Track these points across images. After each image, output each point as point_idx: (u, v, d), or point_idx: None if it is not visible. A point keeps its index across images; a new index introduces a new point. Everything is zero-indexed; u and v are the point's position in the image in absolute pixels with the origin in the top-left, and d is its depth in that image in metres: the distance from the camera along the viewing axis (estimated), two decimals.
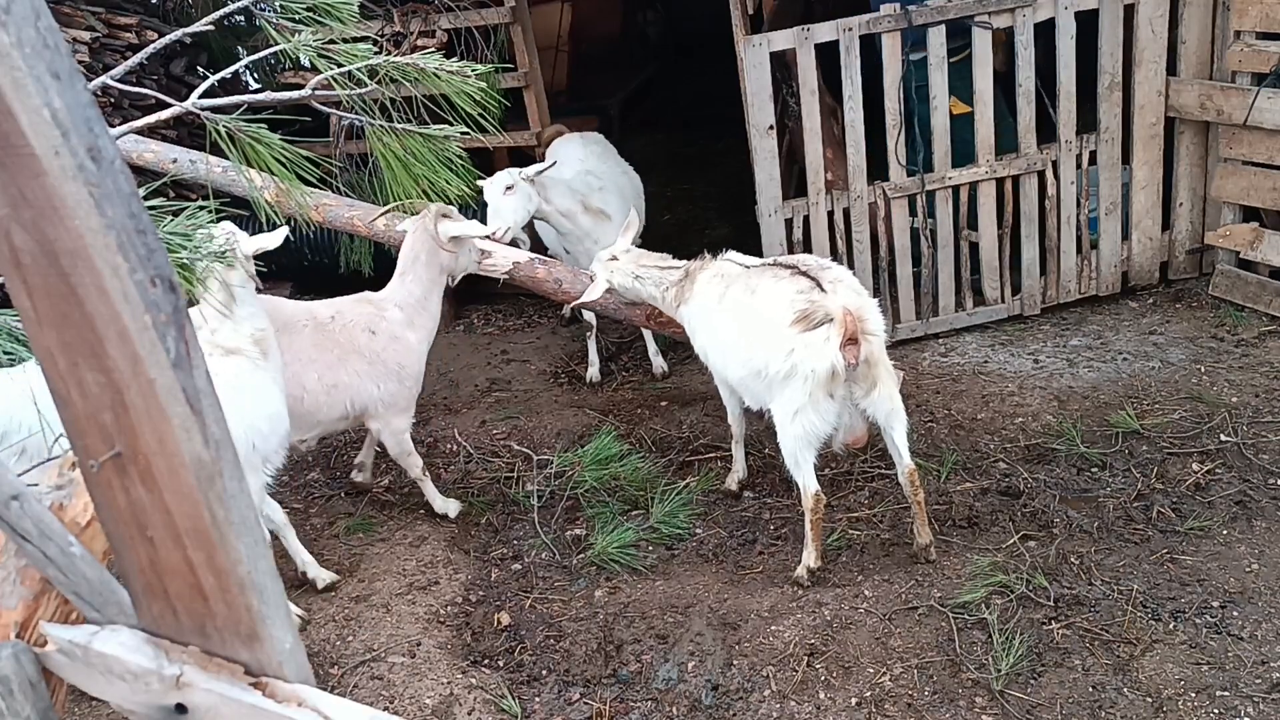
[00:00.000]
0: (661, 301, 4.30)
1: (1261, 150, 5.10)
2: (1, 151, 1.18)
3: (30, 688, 1.54)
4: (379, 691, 3.53)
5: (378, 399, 4.26)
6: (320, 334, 4.16)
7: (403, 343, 4.30)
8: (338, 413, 4.22)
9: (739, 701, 3.37)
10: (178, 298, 1.27)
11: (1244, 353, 4.98)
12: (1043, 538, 3.93)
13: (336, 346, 4.17)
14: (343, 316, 4.26)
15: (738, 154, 5.84)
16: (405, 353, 4.30)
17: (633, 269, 4.33)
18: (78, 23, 5.74)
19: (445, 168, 3.63)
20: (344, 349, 4.18)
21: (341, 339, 4.19)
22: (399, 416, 4.35)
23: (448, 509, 4.52)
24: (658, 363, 5.63)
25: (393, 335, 4.28)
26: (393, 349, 4.27)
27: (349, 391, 4.19)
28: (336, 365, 4.16)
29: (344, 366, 4.17)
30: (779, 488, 4.47)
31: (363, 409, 4.27)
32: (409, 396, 4.36)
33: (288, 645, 1.44)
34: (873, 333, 3.55)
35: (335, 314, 4.27)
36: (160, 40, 3.14)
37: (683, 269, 4.22)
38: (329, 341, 4.17)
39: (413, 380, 4.35)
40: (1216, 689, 3.17)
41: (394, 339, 4.28)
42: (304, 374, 4.08)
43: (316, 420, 4.19)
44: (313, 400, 4.11)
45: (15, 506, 1.44)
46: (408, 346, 4.31)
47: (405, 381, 4.31)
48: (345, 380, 4.17)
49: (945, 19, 5.08)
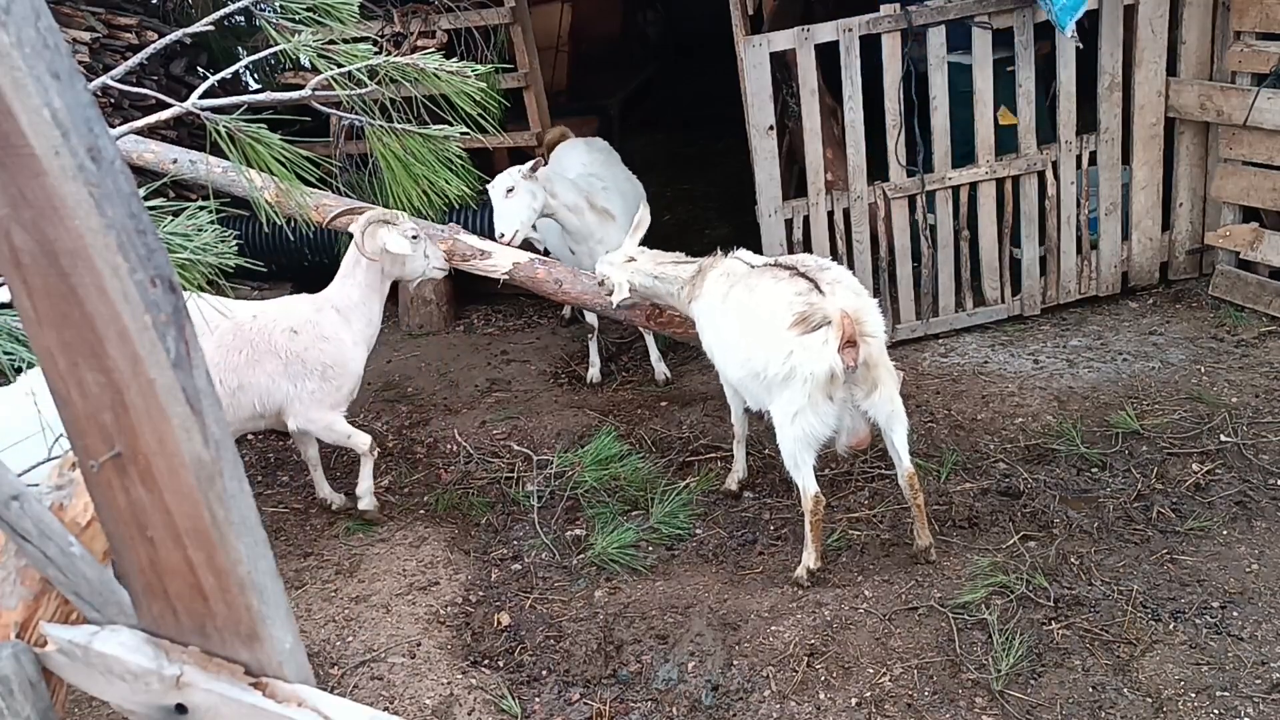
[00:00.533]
0: (678, 299, 4.31)
1: (1261, 150, 5.10)
2: (1, 151, 1.18)
3: (30, 688, 1.54)
4: (379, 691, 3.53)
5: (294, 397, 4.26)
6: (234, 335, 4.17)
7: (334, 343, 4.31)
8: (246, 413, 4.23)
9: (739, 702, 3.37)
10: (178, 298, 1.27)
11: (1244, 353, 4.98)
12: (1043, 538, 3.93)
13: (248, 347, 4.17)
14: (264, 316, 4.28)
15: (738, 154, 5.84)
16: (335, 352, 4.31)
17: (652, 269, 4.33)
18: (78, 23, 5.75)
19: (445, 168, 3.63)
20: (257, 349, 4.18)
21: (256, 339, 4.19)
22: (325, 412, 4.35)
23: (364, 499, 4.51)
24: (660, 368, 5.61)
25: (321, 335, 4.29)
26: (319, 348, 4.27)
27: (256, 391, 4.19)
28: (244, 366, 4.16)
29: (256, 367, 4.18)
30: (779, 488, 4.47)
31: (277, 408, 4.28)
32: (337, 394, 4.36)
33: (288, 645, 1.44)
34: (872, 335, 3.55)
35: (256, 314, 4.29)
36: (160, 40, 3.14)
37: (697, 265, 4.24)
38: (240, 342, 4.17)
39: (347, 378, 4.36)
40: (1216, 689, 3.17)
41: (323, 339, 4.29)
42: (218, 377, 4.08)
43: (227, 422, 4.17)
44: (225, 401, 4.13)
45: (15, 506, 1.44)
46: (339, 346, 4.32)
47: (331, 380, 4.31)
48: (253, 380, 4.18)
49: (945, 19, 5.08)
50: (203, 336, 3.89)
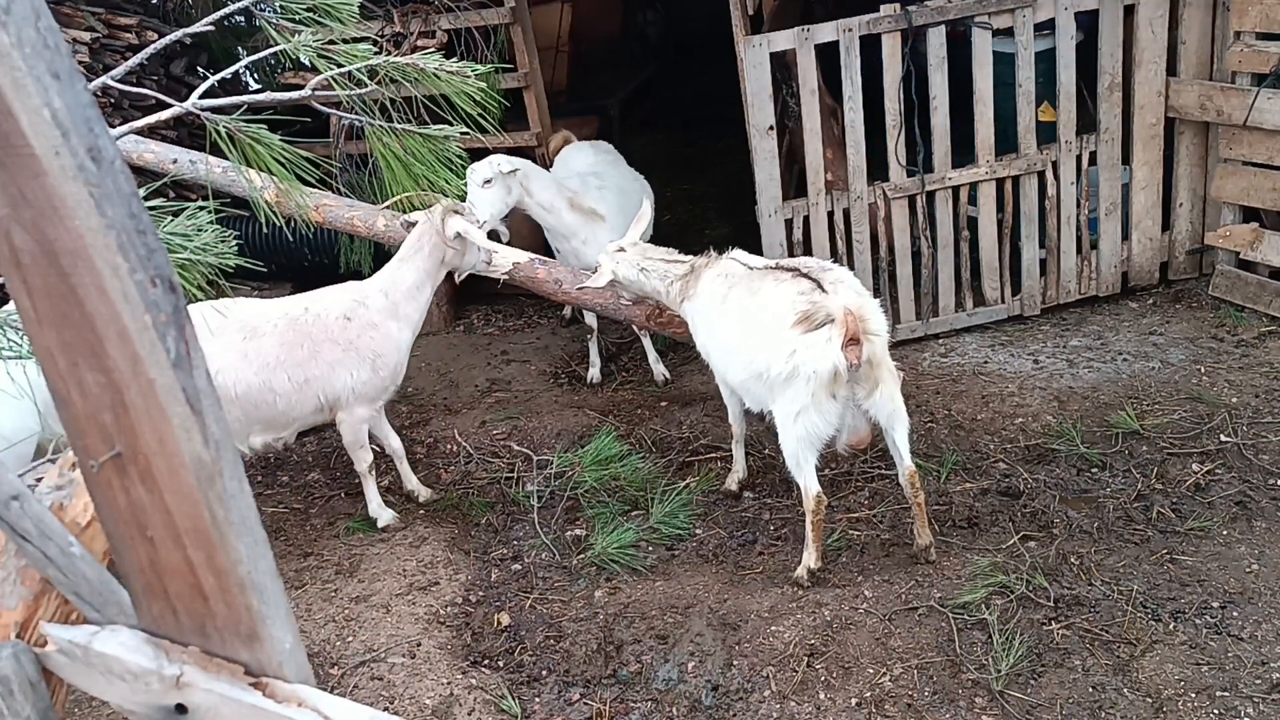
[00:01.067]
0: (665, 296, 4.30)
1: (1261, 150, 5.10)
2: (1, 151, 1.18)
3: (30, 688, 1.54)
4: (379, 691, 3.53)
5: (350, 388, 4.23)
6: (290, 330, 4.14)
7: (381, 331, 4.27)
8: (310, 406, 4.21)
9: (739, 702, 3.37)
10: (178, 298, 1.27)
11: (1244, 353, 4.98)
12: (1043, 538, 3.93)
13: (308, 340, 4.15)
14: (315, 306, 4.24)
15: (738, 154, 5.84)
16: (382, 340, 4.26)
17: (639, 260, 4.32)
18: (78, 23, 5.75)
19: (445, 168, 3.63)
20: (316, 340, 4.15)
21: (314, 330, 4.17)
22: (364, 405, 4.31)
23: (381, 516, 4.49)
24: (658, 370, 5.61)
25: (370, 322, 4.25)
26: (369, 335, 4.23)
27: (320, 384, 4.16)
28: (308, 360, 4.14)
29: (316, 359, 4.14)
30: (779, 488, 4.47)
31: (335, 400, 4.25)
32: (379, 386, 4.32)
33: (288, 645, 1.44)
34: (875, 333, 3.55)
35: (307, 305, 4.25)
36: (160, 40, 3.14)
37: (689, 264, 4.23)
38: (299, 337, 4.14)
39: (388, 370, 4.31)
40: (1216, 689, 3.17)
41: (371, 325, 4.25)
42: (272, 377, 4.07)
43: (291, 419, 4.21)
44: (285, 400, 4.12)
45: (15, 506, 1.44)
46: (386, 334, 4.28)
47: (379, 370, 4.27)
48: (316, 373, 4.15)
49: (945, 19, 5.08)
50: (265, 336, 4.02)
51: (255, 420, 4.13)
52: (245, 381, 4.03)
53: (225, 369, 3.98)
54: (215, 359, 3.91)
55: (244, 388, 4.03)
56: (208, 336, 3.90)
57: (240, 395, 4.02)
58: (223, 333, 3.95)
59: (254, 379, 4.04)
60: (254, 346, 4.05)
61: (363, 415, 4.33)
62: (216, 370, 3.93)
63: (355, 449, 4.41)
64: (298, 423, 4.27)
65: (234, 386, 4.00)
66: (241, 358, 4.03)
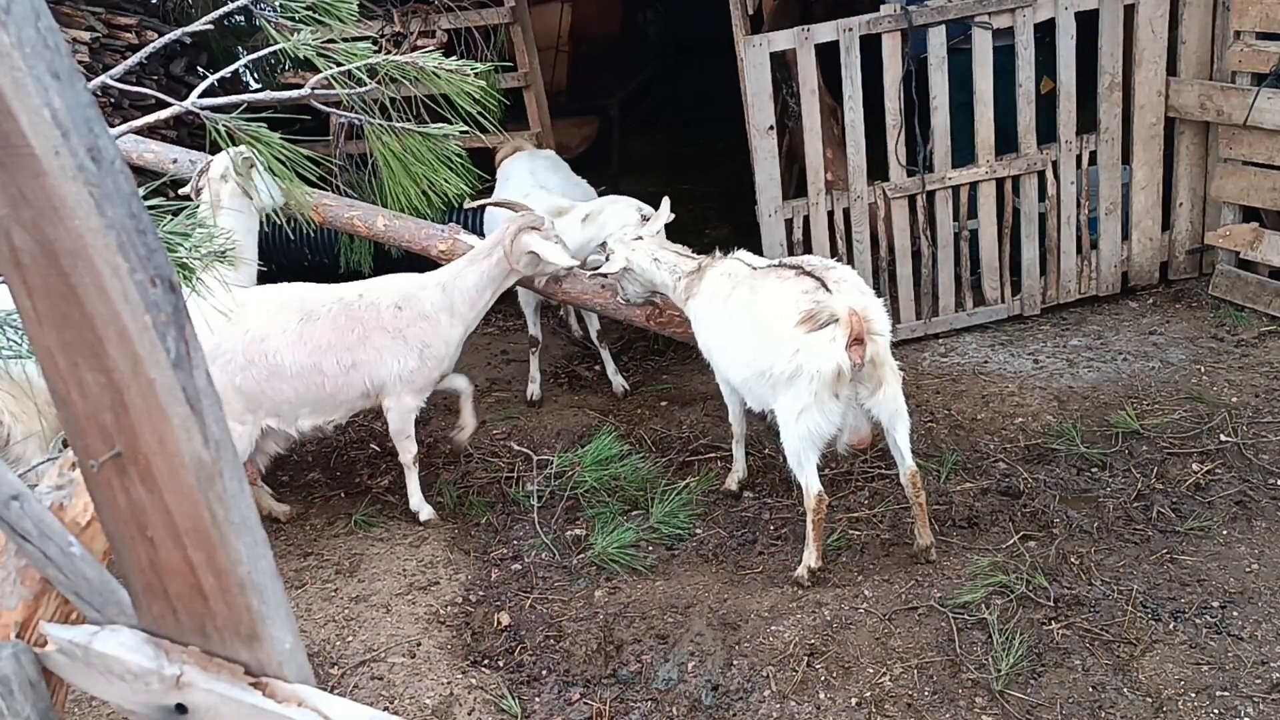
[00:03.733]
0: (673, 291, 4.31)
1: (1261, 150, 5.10)
2: (1, 151, 1.17)
3: (30, 688, 1.54)
4: (379, 691, 3.53)
5: (396, 375, 4.28)
6: (344, 315, 4.21)
7: (432, 322, 4.32)
8: (357, 392, 4.28)
9: (739, 701, 3.37)
10: (178, 298, 1.27)
11: (1244, 353, 4.98)
12: (1043, 538, 3.93)
13: (359, 325, 4.21)
14: (370, 293, 4.31)
15: (738, 154, 5.84)
16: (432, 332, 4.32)
17: (653, 251, 4.36)
18: (78, 23, 5.74)
19: (445, 167, 3.64)
20: (367, 326, 4.22)
21: (366, 316, 4.23)
22: (413, 395, 4.37)
23: (421, 510, 4.52)
24: (618, 381, 5.53)
25: (422, 313, 4.31)
26: (419, 326, 4.29)
27: (367, 369, 4.23)
28: (356, 345, 4.20)
29: (365, 344, 4.21)
30: (779, 488, 4.47)
31: (381, 386, 4.31)
32: (428, 377, 4.37)
33: (288, 645, 1.44)
34: (878, 333, 3.55)
35: (362, 291, 4.32)
36: (160, 40, 3.14)
37: (697, 263, 4.25)
38: (351, 321, 4.21)
39: (435, 362, 4.36)
40: (1216, 689, 3.17)
41: (423, 316, 4.31)
42: (323, 360, 4.15)
43: (339, 402, 4.28)
44: (333, 383, 4.20)
45: (15, 506, 1.44)
46: (436, 327, 4.33)
47: (427, 361, 4.33)
48: (364, 358, 4.22)
49: (945, 19, 5.08)
50: (318, 320, 4.10)
51: (305, 401, 4.21)
52: (299, 362, 4.12)
53: (283, 349, 4.09)
54: (274, 338, 4.09)
55: (298, 368, 4.12)
56: (273, 315, 4.10)
57: (294, 375, 4.12)
58: (283, 312, 4.12)
59: (306, 360, 4.14)
60: (309, 329, 4.15)
61: (411, 405, 4.38)
62: (275, 350, 4.07)
63: (401, 439, 4.46)
64: (344, 407, 4.34)
65: (290, 366, 4.10)
66: (297, 339, 4.12)
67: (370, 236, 5.17)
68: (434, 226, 4.95)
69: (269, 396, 4.13)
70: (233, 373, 4.03)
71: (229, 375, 4.01)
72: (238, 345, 4.04)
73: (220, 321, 3.78)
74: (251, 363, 4.06)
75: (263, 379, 4.09)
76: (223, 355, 4.00)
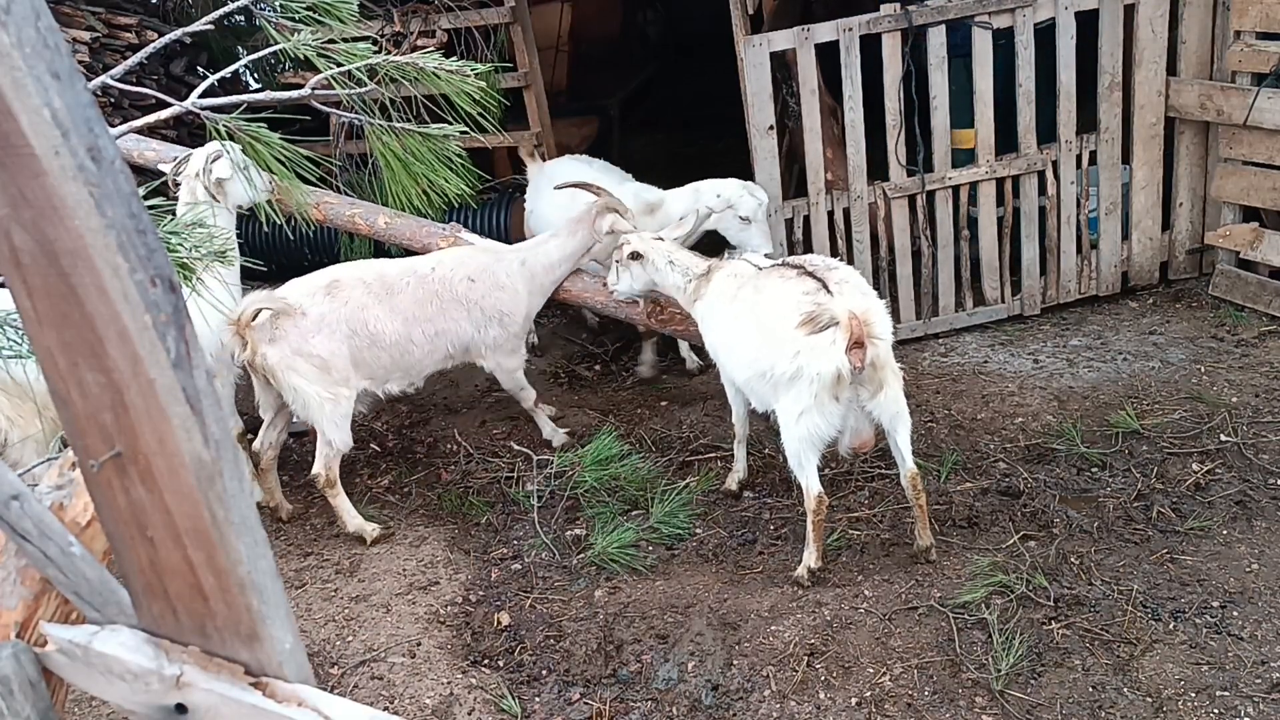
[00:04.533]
0: (683, 293, 4.36)
1: (1261, 150, 5.10)
2: (1, 151, 1.17)
3: (30, 688, 1.54)
4: (379, 691, 3.53)
5: (480, 342, 4.62)
6: (421, 288, 4.46)
7: (508, 291, 4.62)
8: (441, 354, 4.59)
9: (739, 701, 3.37)
10: (178, 298, 1.27)
11: (1244, 353, 4.98)
12: (1043, 538, 3.93)
13: (435, 298, 4.48)
14: (442, 266, 4.57)
15: (738, 154, 5.84)
16: (510, 300, 4.62)
17: (670, 251, 4.44)
18: (78, 23, 5.74)
19: (445, 167, 3.64)
20: (443, 299, 4.50)
21: (440, 289, 4.50)
22: (508, 358, 4.75)
23: (555, 437, 4.93)
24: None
25: (497, 284, 4.60)
26: (494, 296, 4.59)
27: (449, 336, 4.54)
28: (437, 315, 4.48)
29: (445, 314, 4.50)
30: (779, 488, 4.47)
31: (464, 349, 4.63)
32: (515, 339, 4.73)
33: (288, 645, 1.44)
34: (879, 336, 3.54)
35: (434, 265, 4.58)
36: (160, 40, 3.14)
37: (707, 265, 4.28)
38: (428, 294, 4.47)
39: (518, 326, 4.70)
40: (1216, 689, 3.17)
41: (498, 287, 4.60)
42: (412, 330, 4.41)
43: (425, 367, 4.57)
44: (421, 350, 4.46)
45: (15, 506, 1.44)
46: (514, 294, 4.64)
47: (510, 327, 4.66)
48: (445, 326, 4.52)
49: (945, 19, 5.08)
50: (400, 293, 4.36)
51: (398, 367, 4.47)
52: (396, 331, 4.39)
53: (382, 318, 4.36)
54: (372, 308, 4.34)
55: (395, 337, 4.39)
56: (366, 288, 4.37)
57: (391, 344, 4.39)
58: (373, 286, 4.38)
59: (400, 330, 4.39)
60: (396, 301, 4.42)
61: (512, 365, 4.78)
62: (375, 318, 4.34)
63: (516, 390, 4.89)
64: (428, 370, 4.64)
65: (389, 335, 4.38)
66: (390, 310, 4.38)
67: (371, 235, 5.17)
68: (435, 225, 4.95)
69: (368, 363, 4.37)
70: (339, 341, 4.24)
71: (335, 343, 4.23)
72: (341, 316, 4.26)
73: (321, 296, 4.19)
74: (355, 333, 4.28)
75: (364, 347, 4.32)
76: (327, 326, 4.22)
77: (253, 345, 4.10)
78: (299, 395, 4.19)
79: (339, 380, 4.24)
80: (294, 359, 4.15)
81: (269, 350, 4.12)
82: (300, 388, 4.17)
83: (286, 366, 4.14)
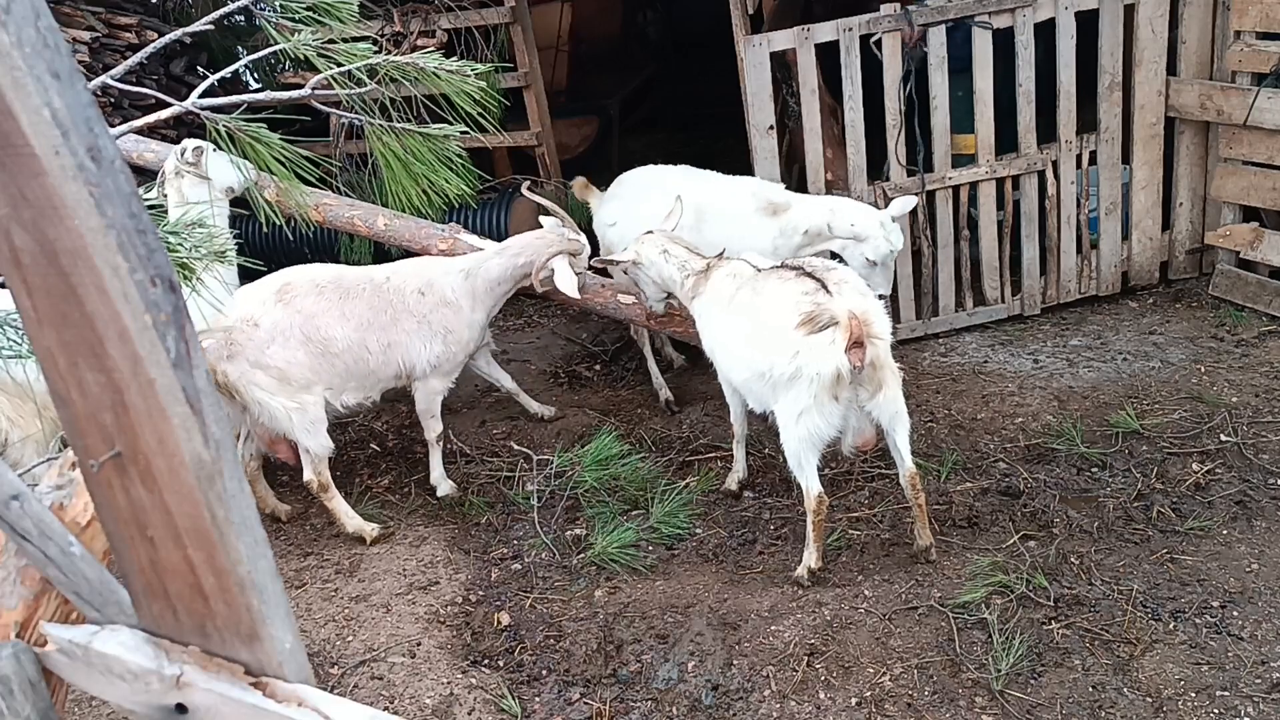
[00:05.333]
0: (680, 287, 4.31)
1: (1261, 150, 5.10)
2: (1, 151, 1.17)
3: (30, 688, 1.54)
4: (379, 691, 3.53)
5: (425, 359, 4.45)
6: (377, 296, 4.36)
7: (453, 309, 4.47)
8: (393, 370, 4.44)
9: (739, 701, 3.37)
10: (178, 298, 1.27)
11: (1244, 353, 4.98)
12: (1043, 538, 3.93)
13: (390, 307, 4.37)
14: (397, 276, 4.45)
15: (738, 154, 5.84)
16: (454, 318, 4.47)
17: (663, 244, 4.36)
18: (78, 23, 5.74)
19: (445, 167, 3.64)
20: (395, 309, 4.38)
21: (394, 299, 4.39)
22: (440, 379, 4.57)
23: (441, 486, 4.66)
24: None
25: (444, 299, 4.45)
26: (441, 311, 4.44)
27: (401, 349, 4.40)
28: (390, 325, 4.36)
29: (397, 325, 4.38)
30: (779, 488, 4.47)
31: (411, 368, 4.47)
32: (453, 361, 4.55)
33: (288, 645, 1.44)
34: (878, 336, 3.54)
35: (390, 275, 4.46)
36: (160, 40, 3.14)
37: (706, 262, 4.25)
38: (383, 303, 4.36)
39: (459, 346, 4.52)
40: (1216, 689, 3.17)
41: (445, 303, 4.45)
42: (366, 336, 4.30)
43: (379, 379, 4.44)
44: (375, 360, 4.34)
45: (15, 506, 1.44)
46: (458, 312, 4.48)
47: (450, 346, 4.49)
48: (397, 338, 4.38)
49: (945, 19, 5.08)
50: (356, 299, 4.25)
51: (352, 376, 4.34)
52: (347, 337, 4.27)
53: (332, 324, 4.24)
54: (320, 315, 4.22)
55: (346, 343, 4.27)
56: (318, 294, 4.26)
57: (343, 350, 4.27)
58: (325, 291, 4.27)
59: (353, 335, 4.27)
60: (349, 306, 4.30)
61: (438, 387, 4.58)
62: (327, 323, 4.23)
63: (426, 418, 4.64)
64: (382, 384, 4.50)
65: (340, 341, 4.26)
66: (341, 316, 4.26)
67: (371, 236, 5.17)
68: (434, 226, 4.95)
69: (323, 370, 4.26)
70: (294, 348, 4.15)
71: (291, 350, 4.14)
72: (294, 323, 4.16)
73: (272, 304, 4.10)
74: (309, 338, 4.18)
75: (318, 353, 4.22)
76: (281, 334, 4.13)
77: (210, 365, 4.04)
78: (264, 409, 4.10)
79: (301, 387, 4.15)
80: (253, 372, 4.06)
81: (228, 367, 4.03)
82: (264, 401, 4.08)
83: (247, 381, 4.05)
